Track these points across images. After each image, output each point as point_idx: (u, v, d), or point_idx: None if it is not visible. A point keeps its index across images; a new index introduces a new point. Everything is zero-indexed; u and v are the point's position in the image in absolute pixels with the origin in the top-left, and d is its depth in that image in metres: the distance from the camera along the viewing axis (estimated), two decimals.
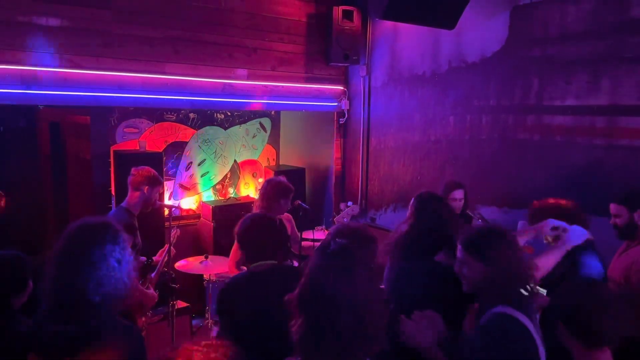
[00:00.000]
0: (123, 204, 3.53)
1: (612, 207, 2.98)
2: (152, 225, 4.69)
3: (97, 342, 1.65)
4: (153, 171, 3.57)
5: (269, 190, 3.78)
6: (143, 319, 3.59)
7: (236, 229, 2.58)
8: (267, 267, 2.45)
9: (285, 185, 3.81)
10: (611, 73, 3.49)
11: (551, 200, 2.87)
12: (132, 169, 3.56)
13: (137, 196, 3.48)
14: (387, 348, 1.36)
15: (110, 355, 1.64)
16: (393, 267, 2.45)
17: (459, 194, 3.88)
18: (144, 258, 3.73)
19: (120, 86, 4.32)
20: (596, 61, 3.57)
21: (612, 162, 3.51)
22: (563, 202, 2.84)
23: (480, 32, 4.34)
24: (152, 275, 3.75)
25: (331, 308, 1.30)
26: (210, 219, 5.59)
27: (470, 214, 3.90)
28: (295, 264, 4.05)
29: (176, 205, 5.04)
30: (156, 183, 3.54)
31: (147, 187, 3.48)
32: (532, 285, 1.92)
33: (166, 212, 4.18)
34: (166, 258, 3.85)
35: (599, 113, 3.57)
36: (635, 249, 2.94)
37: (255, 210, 3.71)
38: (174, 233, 3.94)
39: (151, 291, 3.61)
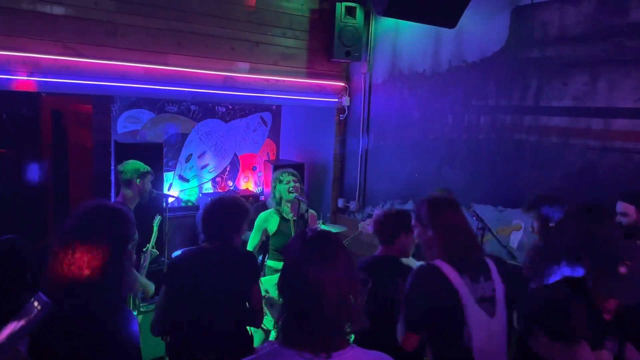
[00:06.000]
0: (119, 199, 3.56)
1: (620, 205, 2.95)
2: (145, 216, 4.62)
3: (94, 326, 1.65)
4: (139, 163, 3.60)
5: (273, 180, 4.08)
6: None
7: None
8: (213, 247, 2.62)
9: (281, 172, 4.08)
10: (608, 75, 3.51)
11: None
12: (118, 166, 3.60)
13: (130, 191, 3.52)
14: (367, 325, 1.41)
15: (106, 338, 1.65)
16: None
17: None
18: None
19: (122, 76, 4.36)
20: (594, 63, 3.59)
21: (606, 164, 3.54)
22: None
23: (480, 32, 4.36)
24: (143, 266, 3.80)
25: (316, 292, 1.34)
26: None
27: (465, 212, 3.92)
28: None
29: (175, 195, 5.08)
30: (145, 173, 3.56)
31: (137, 179, 3.51)
32: None
33: (170, 200, 4.21)
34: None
35: (594, 115, 3.59)
36: None
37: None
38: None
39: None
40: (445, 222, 2.20)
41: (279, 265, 3.73)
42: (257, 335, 3.79)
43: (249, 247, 3.81)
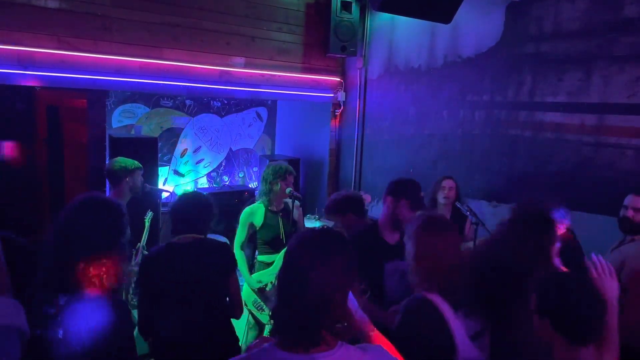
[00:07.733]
0: (111, 196, 3.52)
1: (632, 200, 2.92)
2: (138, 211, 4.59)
3: (86, 314, 1.69)
4: (126, 160, 3.53)
5: (269, 174, 3.79)
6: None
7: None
8: (186, 241, 2.56)
9: (285, 169, 3.82)
10: (602, 71, 3.53)
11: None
12: (105, 166, 3.54)
13: (121, 188, 3.47)
14: (351, 328, 1.44)
15: (98, 326, 1.68)
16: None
17: (448, 182, 3.94)
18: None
19: (118, 70, 4.34)
20: (588, 59, 3.60)
21: (600, 159, 3.56)
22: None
23: (476, 27, 4.37)
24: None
25: (301, 278, 1.35)
26: None
27: (459, 206, 3.94)
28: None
29: (169, 190, 5.07)
30: (134, 170, 3.50)
31: (126, 177, 3.46)
32: None
33: (165, 195, 4.20)
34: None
35: (589, 110, 3.61)
36: (628, 246, 2.95)
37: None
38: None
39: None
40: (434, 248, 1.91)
41: (270, 258, 3.68)
42: (252, 332, 3.78)
43: (236, 242, 3.73)
